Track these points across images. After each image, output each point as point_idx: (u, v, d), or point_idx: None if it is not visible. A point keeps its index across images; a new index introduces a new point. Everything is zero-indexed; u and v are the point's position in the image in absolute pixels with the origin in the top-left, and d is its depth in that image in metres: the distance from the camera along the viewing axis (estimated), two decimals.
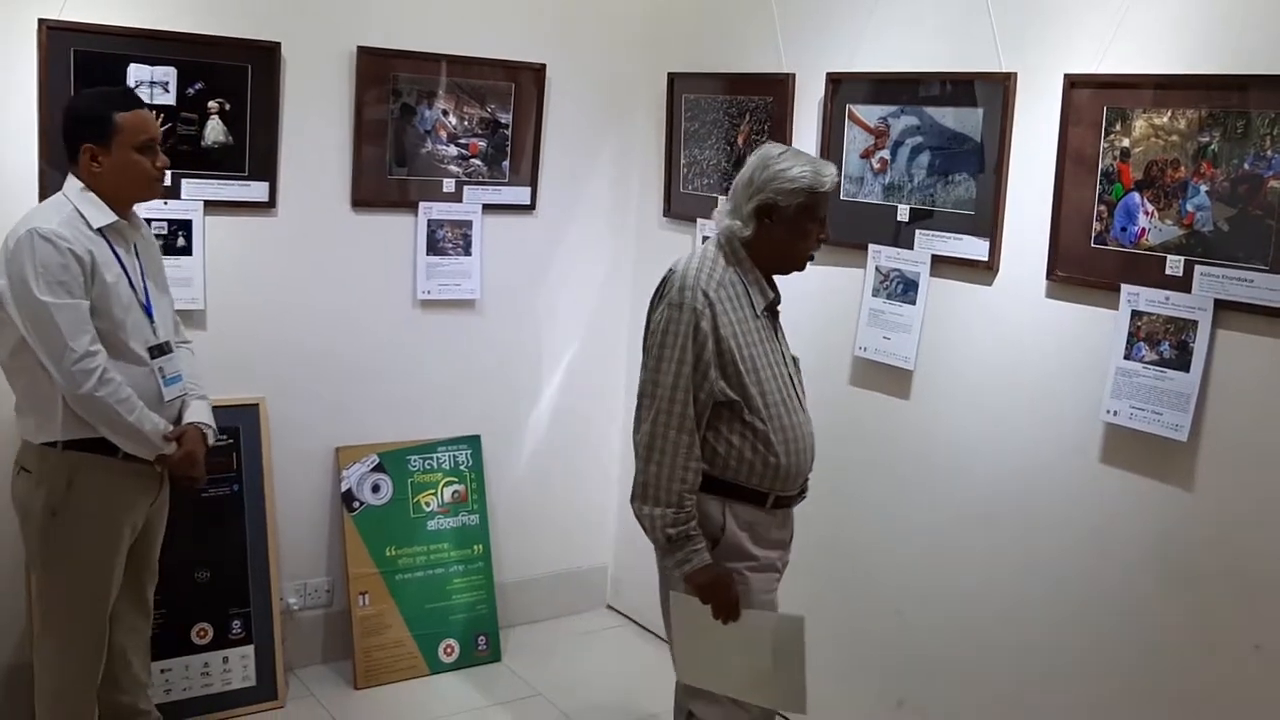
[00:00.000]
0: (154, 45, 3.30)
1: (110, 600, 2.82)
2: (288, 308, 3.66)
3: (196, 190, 3.44)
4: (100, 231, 2.67)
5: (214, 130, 3.45)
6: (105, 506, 2.75)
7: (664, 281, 2.53)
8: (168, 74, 3.35)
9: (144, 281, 2.79)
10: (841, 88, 3.35)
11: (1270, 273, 2.41)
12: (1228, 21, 2.49)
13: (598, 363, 4.29)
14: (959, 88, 3.03)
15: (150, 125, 2.73)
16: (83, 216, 2.65)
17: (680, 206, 4.05)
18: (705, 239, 2.66)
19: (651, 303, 2.55)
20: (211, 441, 2.90)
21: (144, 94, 3.28)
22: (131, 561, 2.87)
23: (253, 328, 3.59)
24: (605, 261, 4.25)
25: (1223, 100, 2.47)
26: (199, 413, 2.88)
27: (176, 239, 3.43)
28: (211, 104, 3.43)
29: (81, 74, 3.19)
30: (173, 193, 3.39)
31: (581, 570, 4.41)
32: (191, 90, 3.40)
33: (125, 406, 2.65)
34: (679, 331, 2.43)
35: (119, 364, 2.67)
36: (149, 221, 3.08)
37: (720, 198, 3.83)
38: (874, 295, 3.26)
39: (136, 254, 2.80)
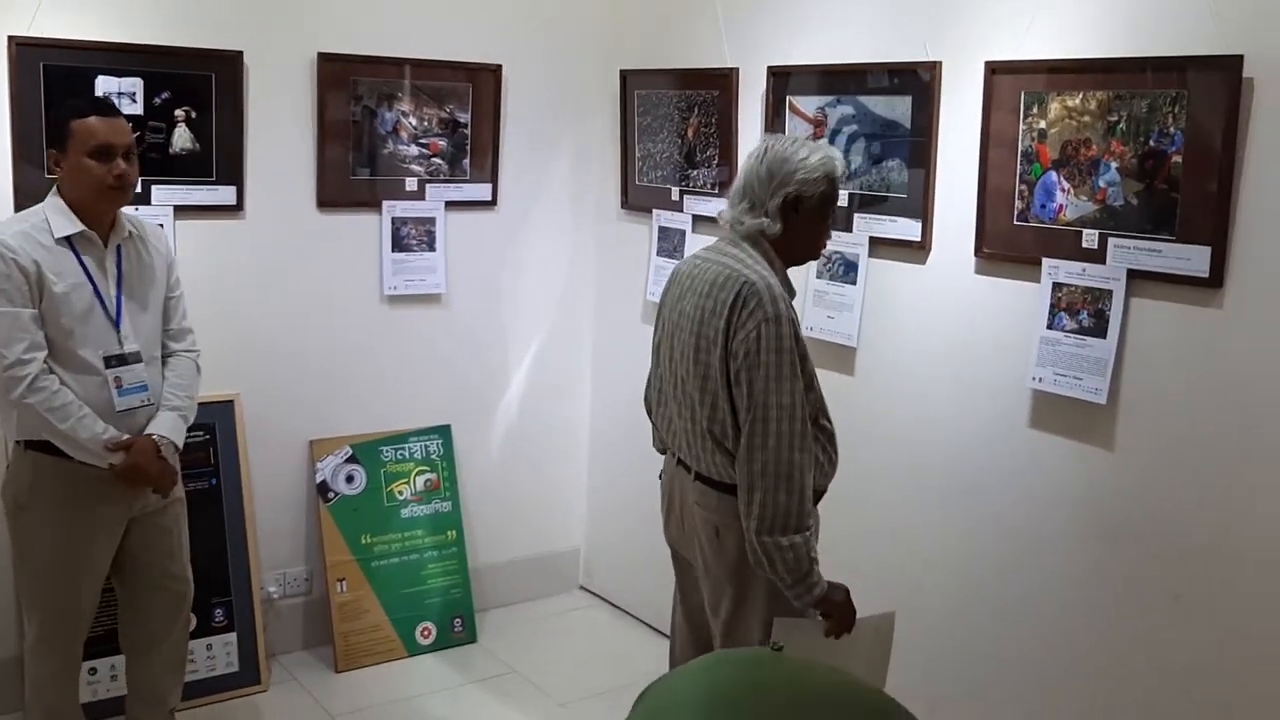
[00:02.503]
0: (120, 57, 3.43)
1: (79, 601, 2.88)
2: (258, 307, 3.79)
3: (166, 196, 3.57)
4: (69, 240, 2.74)
5: (181, 138, 3.58)
6: (65, 508, 2.81)
7: (737, 296, 2.39)
8: (134, 85, 3.47)
9: (117, 291, 2.82)
10: (781, 80, 3.50)
11: (1176, 242, 2.58)
12: (1131, 8, 2.65)
13: (563, 350, 4.43)
14: (889, 77, 3.19)
15: (102, 131, 2.73)
16: (49, 225, 2.73)
17: (637, 198, 4.20)
18: (725, 239, 2.56)
19: (729, 320, 2.39)
20: (170, 454, 2.88)
21: None
22: (128, 574, 2.97)
23: (225, 327, 3.70)
24: (567, 252, 4.39)
25: (1128, 82, 2.63)
26: (160, 424, 2.87)
27: None
28: (178, 112, 3.56)
29: (51, 87, 3.32)
30: (143, 199, 3.51)
31: (554, 553, 4.56)
32: (158, 100, 3.52)
33: (58, 414, 2.69)
34: (784, 348, 2.36)
35: (67, 372, 2.73)
36: None
37: (694, 198, 3.98)
38: (817, 277, 3.42)
39: (120, 263, 2.84)
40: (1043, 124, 2.81)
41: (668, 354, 2.61)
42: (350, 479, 3.98)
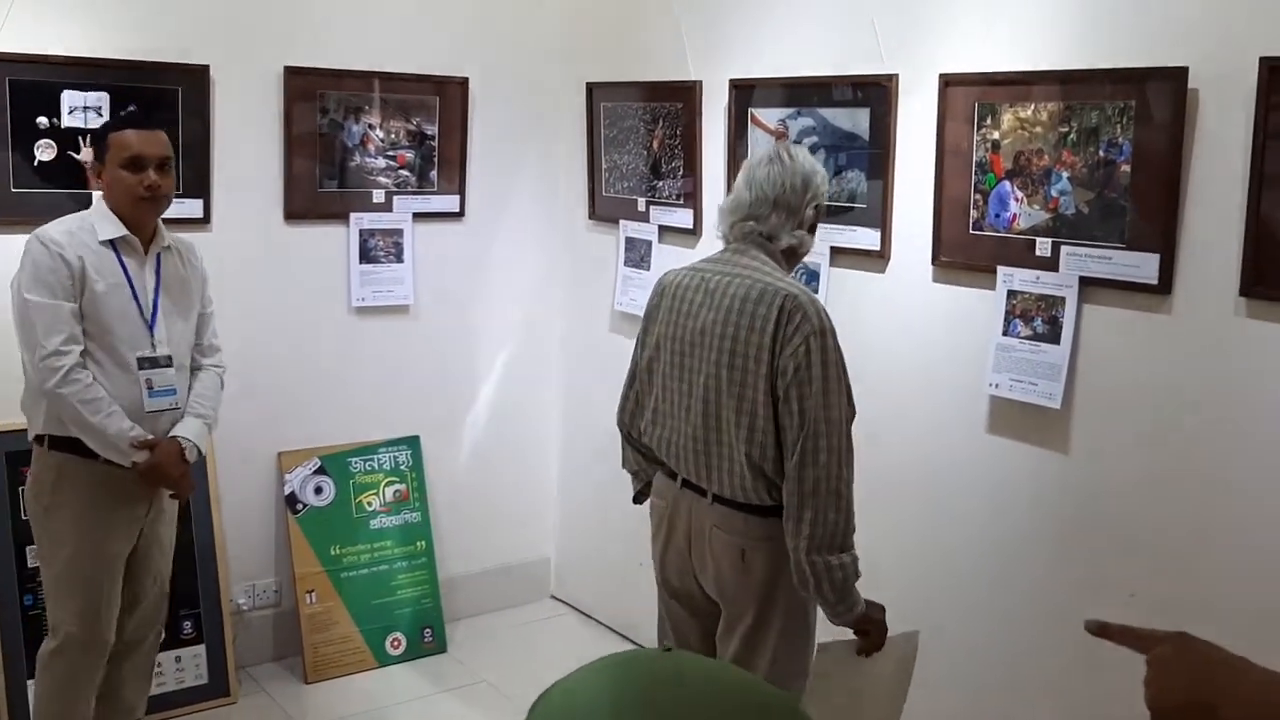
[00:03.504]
0: (86, 72, 3.45)
1: (101, 602, 2.92)
2: (226, 319, 3.74)
3: None
4: (112, 244, 2.85)
5: None
6: (88, 508, 2.87)
7: (781, 310, 2.32)
8: (100, 99, 3.49)
9: (155, 297, 2.92)
10: (744, 93, 3.55)
11: (1127, 250, 2.64)
12: (1080, 22, 2.71)
13: (532, 360, 4.46)
14: (848, 90, 3.24)
15: (135, 143, 2.84)
16: (94, 228, 2.84)
17: (604, 209, 4.24)
18: (735, 250, 2.50)
19: (775, 335, 2.32)
20: (192, 458, 2.97)
21: (77, 119, 3.44)
22: (125, 578, 2.99)
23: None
24: (535, 263, 4.43)
25: (1078, 93, 2.70)
26: (185, 428, 2.96)
27: None
28: None
29: (16, 101, 3.34)
30: None
31: (524, 562, 4.58)
32: (124, 113, 3.53)
33: (90, 407, 2.77)
34: (831, 360, 2.32)
35: (104, 367, 2.82)
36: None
37: (660, 208, 4.02)
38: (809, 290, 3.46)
39: (158, 271, 2.94)
40: (996, 135, 2.87)
41: (674, 373, 2.51)
42: (319, 490, 3.99)
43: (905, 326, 3.15)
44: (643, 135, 4.01)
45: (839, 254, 3.30)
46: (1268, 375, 2.42)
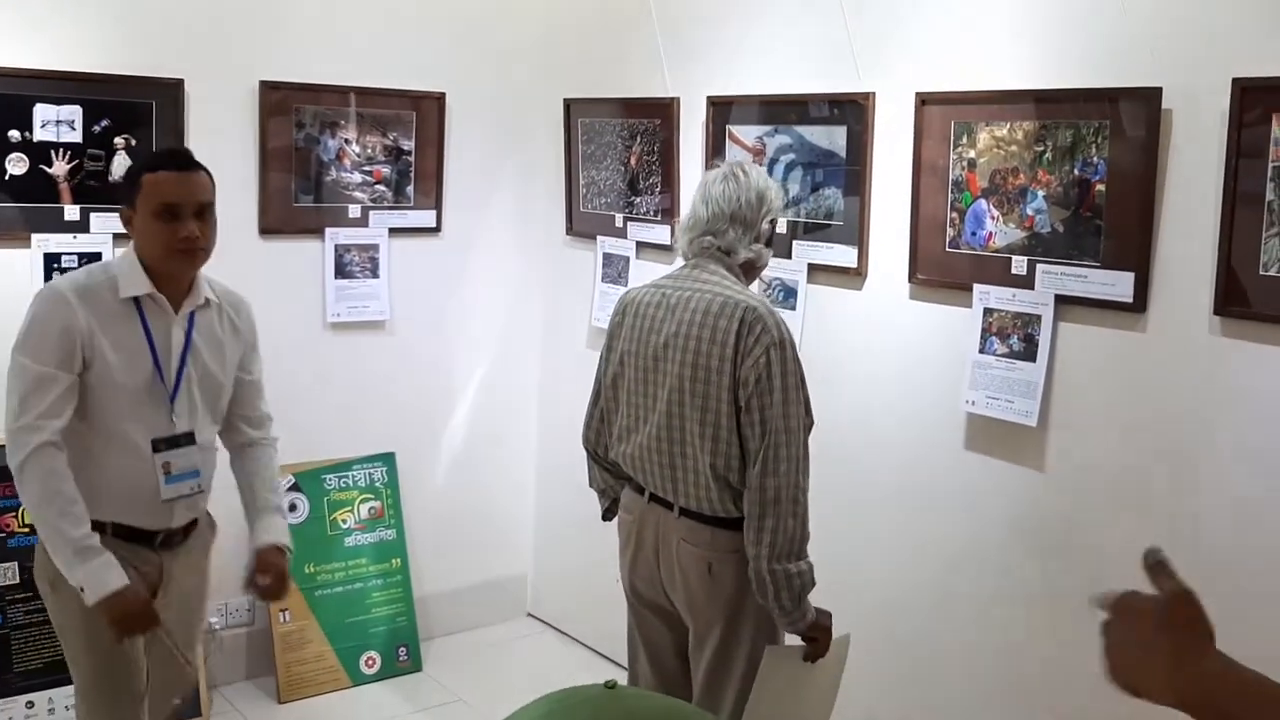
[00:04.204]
0: (59, 85, 3.42)
1: (119, 678, 2.54)
2: None
3: (104, 224, 3.54)
4: (135, 302, 2.45)
5: (121, 165, 3.56)
6: None
7: (742, 322, 2.37)
8: (73, 113, 3.46)
9: (180, 365, 2.51)
10: (721, 110, 3.56)
11: (1101, 268, 2.65)
12: (1055, 42, 2.73)
13: (509, 376, 4.44)
14: (825, 108, 3.25)
15: (170, 189, 2.42)
16: (117, 283, 2.45)
17: (581, 225, 4.23)
18: (694, 265, 2.54)
19: (736, 346, 2.37)
20: (290, 560, 2.69)
21: (49, 133, 3.41)
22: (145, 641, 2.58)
23: None
24: (512, 279, 4.41)
25: (1053, 113, 2.71)
26: (277, 531, 2.69)
27: None
28: (118, 140, 3.54)
29: None
30: (82, 227, 3.50)
31: (501, 579, 4.55)
32: (97, 128, 3.51)
33: (47, 497, 2.35)
34: (790, 370, 2.37)
35: (108, 451, 2.43)
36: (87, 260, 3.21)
37: (637, 224, 4.02)
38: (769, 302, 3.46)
39: (189, 332, 2.53)
40: (972, 153, 2.88)
41: (639, 388, 2.54)
42: (293, 508, 3.95)
43: (882, 343, 3.16)
44: (620, 151, 4.01)
45: (816, 271, 3.31)
46: (1241, 393, 2.44)
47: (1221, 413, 2.47)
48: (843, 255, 3.22)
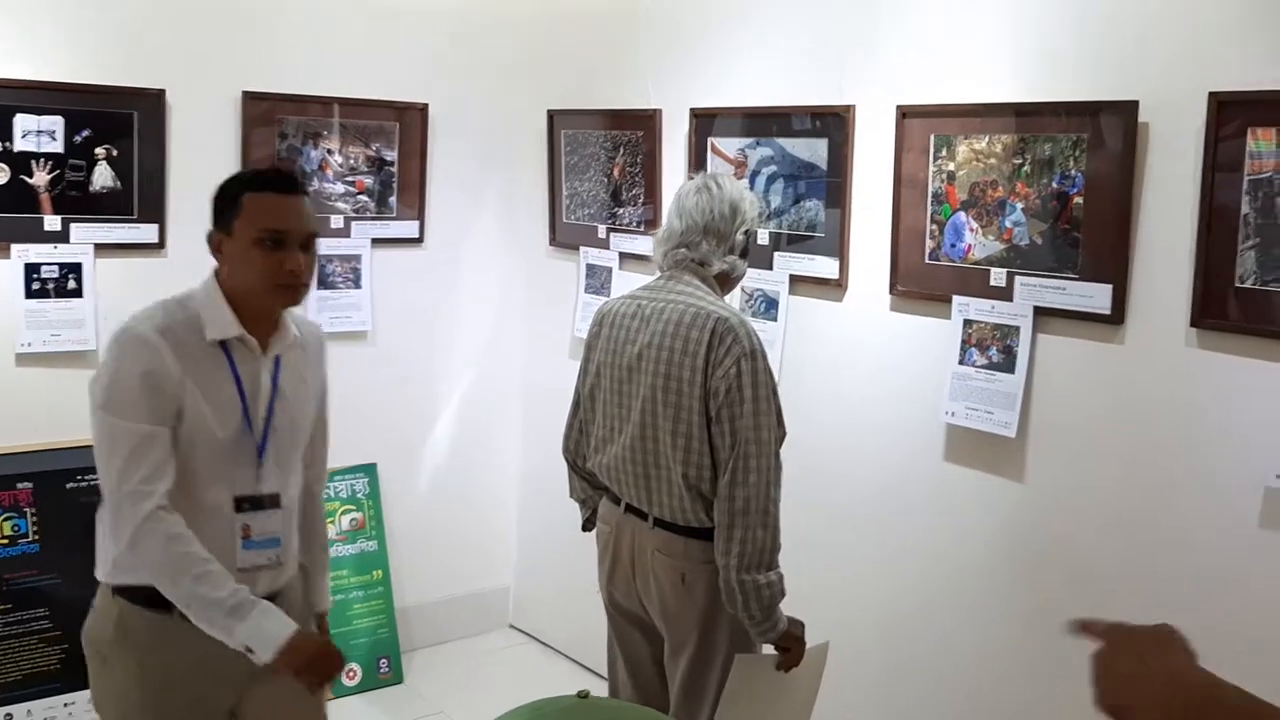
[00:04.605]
0: (39, 95, 3.41)
1: None
2: None
3: (86, 234, 3.54)
4: (223, 345, 2.14)
5: (102, 176, 3.56)
6: (157, 676, 2.15)
7: (713, 333, 2.38)
8: (54, 123, 3.45)
9: (269, 413, 2.20)
10: (703, 122, 3.57)
11: (1079, 280, 2.66)
12: (1034, 55, 2.75)
13: (492, 387, 4.44)
14: (806, 120, 3.27)
15: (276, 213, 2.11)
16: (201, 322, 2.13)
17: (565, 236, 4.23)
18: (669, 277, 2.55)
19: (708, 357, 2.37)
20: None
21: (30, 143, 3.40)
22: None
23: None
24: (495, 290, 4.41)
25: (1031, 126, 2.73)
26: (324, 597, 2.47)
27: (67, 282, 3.52)
28: (99, 150, 3.54)
29: None
30: (63, 237, 3.49)
31: (483, 591, 4.54)
32: (79, 138, 3.50)
33: (175, 565, 2.02)
34: (761, 382, 2.37)
35: (186, 516, 2.07)
36: (68, 271, 3.16)
37: (621, 235, 4.03)
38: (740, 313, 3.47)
39: (276, 377, 2.22)
40: (951, 166, 2.90)
41: (614, 399, 2.56)
42: None
43: (863, 355, 3.17)
44: (603, 162, 4.02)
45: (798, 282, 3.32)
46: (1217, 405, 2.45)
47: (1198, 424, 2.49)
48: (824, 267, 3.23)
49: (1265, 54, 2.33)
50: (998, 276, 2.82)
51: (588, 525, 2.80)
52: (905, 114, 2.98)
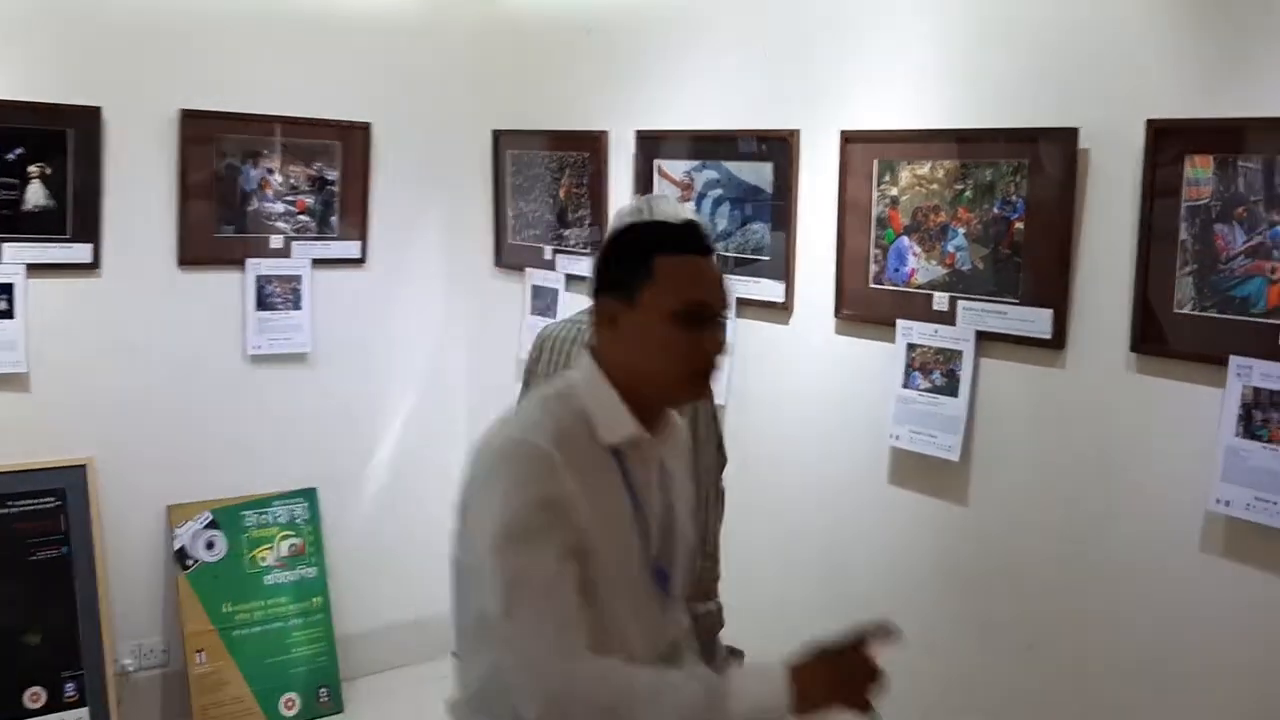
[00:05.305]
0: None
1: None
2: (115, 368, 3.68)
3: (17, 254, 3.45)
4: (614, 450, 1.70)
5: (35, 194, 3.47)
6: None
7: None
8: None
9: (668, 530, 1.78)
10: (649, 144, 3.56)
11: (1021, 305, 2.68)
12: (971, 81, 2.77)
13: (435, 409, 4.38)
14: (752, 144, 3.27)
15: (706, 283, 1.69)
16: (591, 421, 1.70)
17: (510, 257, 4.20)
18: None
19: None
20: None
21: None
22: None
23: (79, 389, 3.60)
24: (439, 311, 4.36)
25: (973, 152, 2.75)
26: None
27: None
28: (31, 168, 3.46)
29: None
30: None
31: (426, 617, 4.44)
32: (11, 155, 3.42)
33: (621, 697, 1.56)
34: (707, 409, 2.39)
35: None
36: None
37: (567, 257, 4.00)
38: None
39: (660, 481, 1.78)
40: (894, 191, 2.91)
41: None
42: (210, 545, 3.86)
43: (808, 378, 3.16)
44: (549, 183, 4.00)
45: (744, 305, 3.31)
46: (1156, 429, 2.47)
47: (1139, 448, 2.51)
48: (770, 290, 3.23)
49: (1202, 82, 2.36)
50: (940, 301, 2.83)
51: None
52: (849, 139, 2.99)
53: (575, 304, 3.82)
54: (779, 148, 3.18)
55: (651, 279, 1.65)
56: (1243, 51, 2.31)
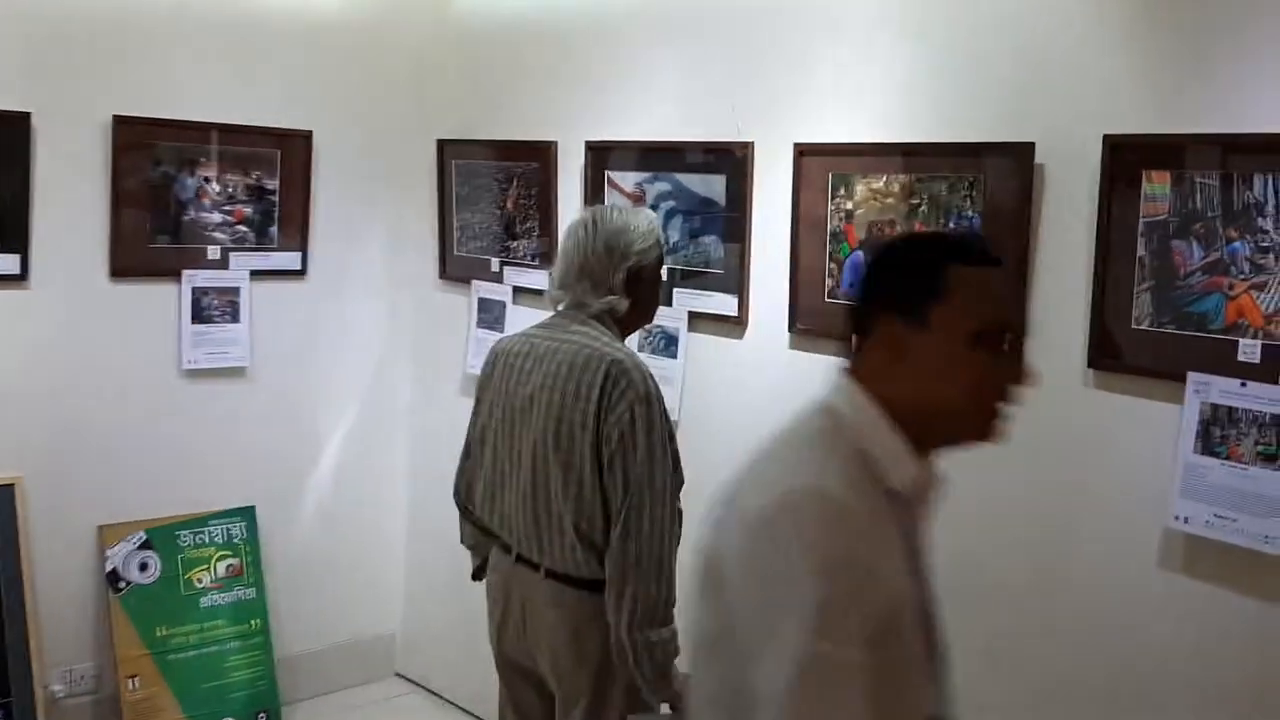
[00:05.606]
0: None
1: None
2: (44, 383, 3.54)
3: None
4: (891, 497, 1.42)
5: None
6: None
7: (607, 376, 2.29)
8: None
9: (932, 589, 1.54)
10: (600, 155, 3.51)
11: None
12: (931, 95, 2.75)
13: (378, 425, 4.28)
14: (704, 156, 3.23)
15: (1006, 301, 1.52)
16: (879, 463, 1.42)
17: (455, 269, 4.12)
18: (563, 314, 2.47)
19: (600, 402, 2.28)
20: None
21: None
22: None
23: (5, 405, 3.46)
24: (382, 324, 4.27)
25: (928, 165, 2.73)
26: None
27: None
28: None
29: None
30: None
31: (368, 638, 4.36)
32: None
33: None
34: (662, 428, 2.30)
35: None
36: None
37: (514, 269, 3.93)
38: (639, 350, 3.40)
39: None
40: (849, 205, 2.88)
41: (505, 443, 2.45)
42: (144, 566, 3.73)
43: (763, 393, 3.12)
44: (496, 194, 3.92)
45: (697, 319, 3.27)
46: (1114, 446, 2.46)
47: (1096, 465, 2.50)
48: (723, 303, 3.19)
49: (1159, 98, 2.36)
50: None
51: (478, 574, 2.69)
52: (803, 152, 2.96)
53: (524, 316, 3.76)
54: (732, 160, 3.14)
55: (944, 296, 1.40)
56: (1200, 68, 2.31)
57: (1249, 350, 2.25)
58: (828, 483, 1.34)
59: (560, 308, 2.49)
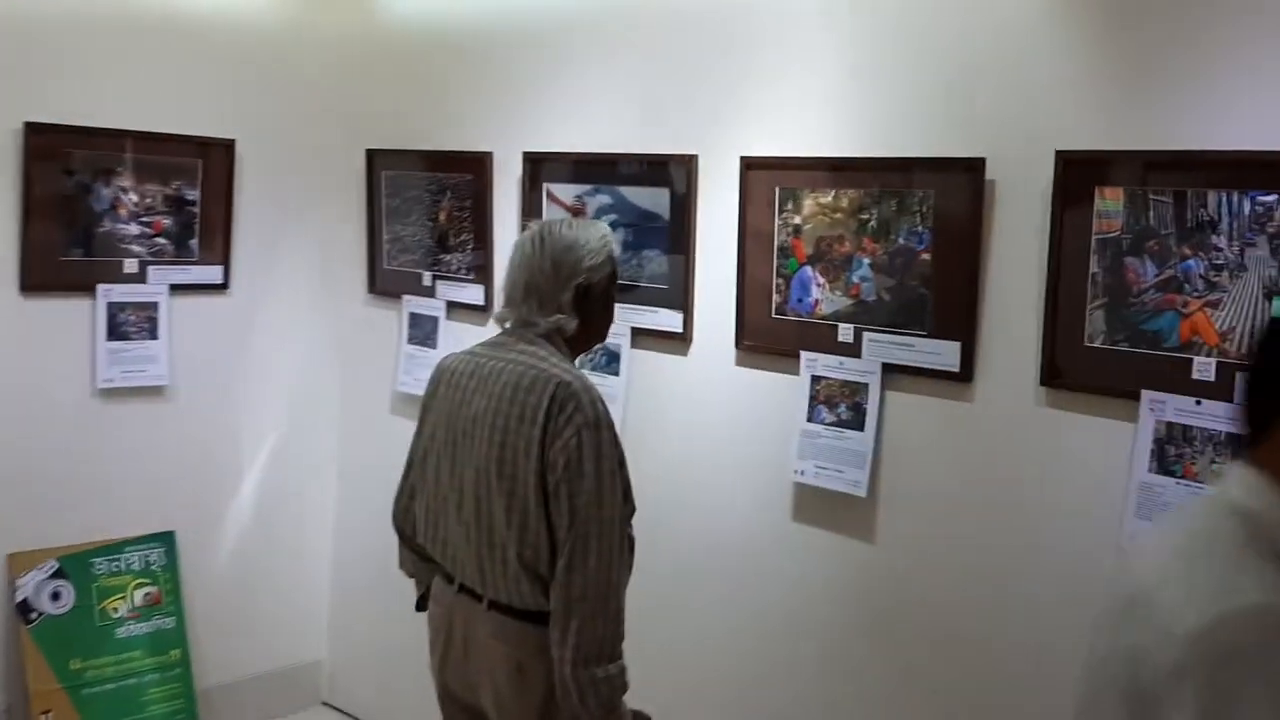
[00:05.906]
0: None
1: None
2: None
3: None
4: None
5: None
6: None
7: (553, 399, 2.18)
8: None
9: None
10: (538, 166, 3.42)
11: (928, 337, 2.63)
12: (880, 111, 2.72)
13: (304, 445, 4.14)
14: (647, 168, 3.16)
15: None
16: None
17: (385, 283, 4.00)
18: (510, 332, 2.36)
19: (546, 426, 2.17)
20: None
21: None
22: None
23: None
24: (308, 340, 4.13)
25: (879, 181, 2.69)
26: None
27: None
28: None
29: None
30: None
31: (293, 666, 4.20)
32: None
33: None
34: (605, 454, 2.17)
35: None
36: None
37: (447, 283, 3.82)
38: (580, 367, 3.32)
39: None
40: (797, 220, 2.83)
41: (447, 466, 2.33)
42: (56, 596, 3.54)
43: (709, 411, 3.06)
44: (428, 206, 3.81)
45: (640, 335, 3.19)
46: (1067, 464, 2.45)
47: (1049, 483, 2.47)
48: (668, 319, 3.12)
49: (1112, 114, 2.35)
50: (845, 332, 2.77)
51: (421, 604, 2.57)
52: (749, 165, 2.91)
53: (456, 332, 3.66)
54: (675, 173, 3.08)
55: None
56: (1153, 84, 2.31)
57: (1203, 368, 2.24)
58: (1271, 599, 1.20)
59: (507, 325, 2.39)
